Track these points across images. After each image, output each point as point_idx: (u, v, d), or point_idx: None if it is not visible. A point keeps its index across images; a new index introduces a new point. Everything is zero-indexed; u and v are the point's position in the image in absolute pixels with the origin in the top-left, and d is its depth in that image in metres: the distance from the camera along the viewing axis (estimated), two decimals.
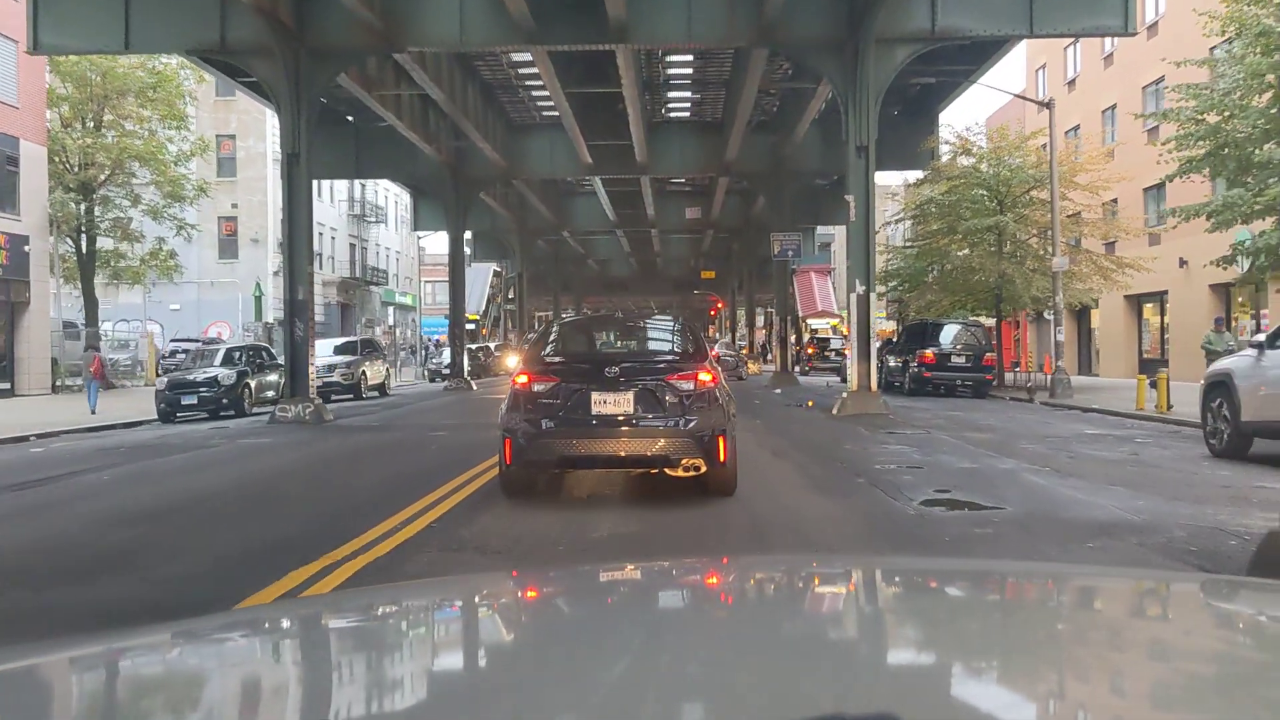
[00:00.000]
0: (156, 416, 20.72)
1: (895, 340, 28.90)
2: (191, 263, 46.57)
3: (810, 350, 47.62)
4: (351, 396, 27.88)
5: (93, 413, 22.08)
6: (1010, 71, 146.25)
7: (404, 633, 1.54)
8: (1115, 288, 27.80)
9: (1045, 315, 40.44)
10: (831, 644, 1.36)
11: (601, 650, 1.23)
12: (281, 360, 29.58)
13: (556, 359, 8.52)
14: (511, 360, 35.07)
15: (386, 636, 1.50)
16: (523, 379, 8.07)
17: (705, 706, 1.04)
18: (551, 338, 9.22)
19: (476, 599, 1.72)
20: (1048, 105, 23.74)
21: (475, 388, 31.36)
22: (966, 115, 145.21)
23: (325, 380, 27.70)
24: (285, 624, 1.58)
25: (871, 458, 11.50)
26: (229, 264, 46.26)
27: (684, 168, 32.63)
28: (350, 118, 32.52)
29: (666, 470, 8.05)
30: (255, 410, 21.34)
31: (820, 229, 56.10)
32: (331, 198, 54.37)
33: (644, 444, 7.85)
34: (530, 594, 1.75)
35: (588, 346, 9.51)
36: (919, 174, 34.91)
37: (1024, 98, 29.48)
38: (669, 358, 8.56)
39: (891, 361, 26.53)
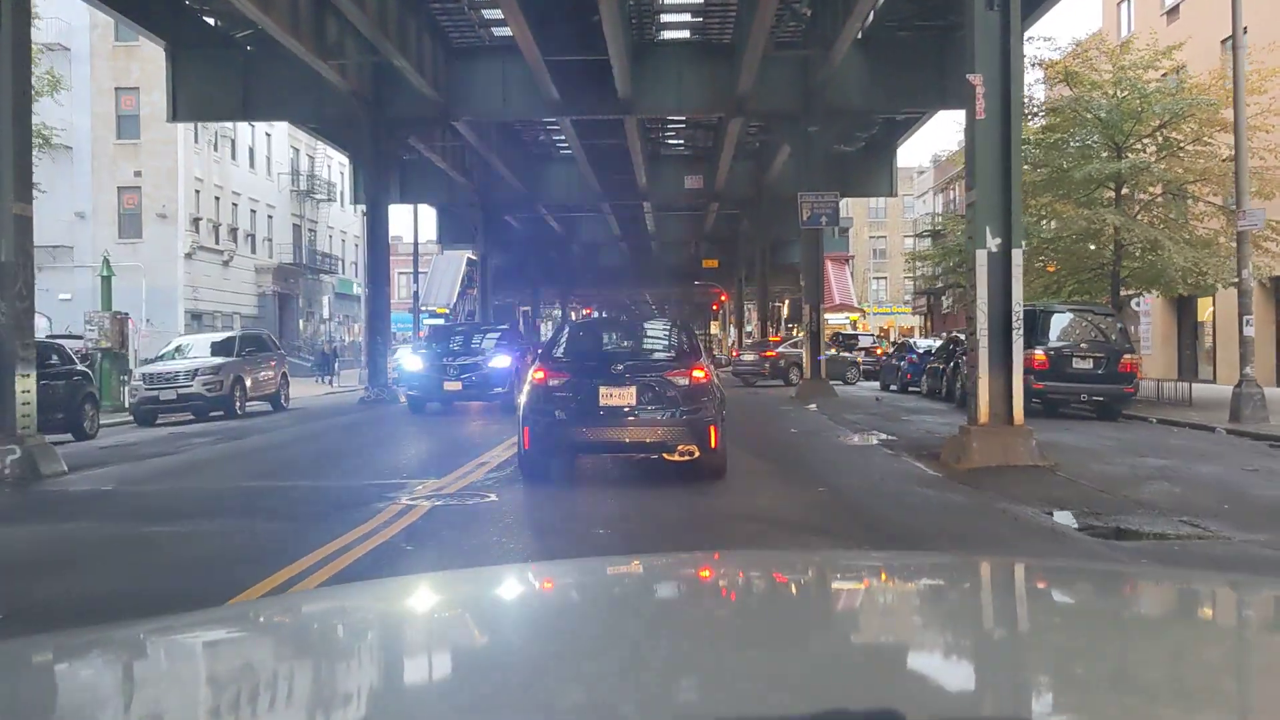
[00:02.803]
0: None
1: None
2: (85, 243, 38.37)
3: (834, 351, 39.12)
4: (223, 414, 19.95)
5: None
6: (1081, 13, 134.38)
7: (392, 628, 1.49)
8: None
9: (1134, 305, 32.54)
10: (835, 640, 1.35)
11: (601, 643, 1.23)
12: (109, 364, 21.82)
13: (568, 357, 9.44)
14: None
15: (377, 631, 1.47)
16: (539, 375, 8.90)
17: (707, 700, 1.02)
18: (564, 338, 10.34)
19: (472, 593, 1.70)
20: None
21: (405, 399, 22.30)
22: (1037, 52, 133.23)
23: (183, 392, 19.89)
24: (283, 619, 1.59)
25: None
26: (131, 244, 37.91)
27: (682, 105, 24.39)
28: (250, 48, 24.59)
29: (664, 455, 8.70)
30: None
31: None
32: (268, 169, 46.12)
33: (645, 432, 8.71)
34: (530, 587, 1.74)
35: (595, 346, 10.27)
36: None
37: None
38: (666, 356, 9.54)
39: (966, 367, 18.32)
